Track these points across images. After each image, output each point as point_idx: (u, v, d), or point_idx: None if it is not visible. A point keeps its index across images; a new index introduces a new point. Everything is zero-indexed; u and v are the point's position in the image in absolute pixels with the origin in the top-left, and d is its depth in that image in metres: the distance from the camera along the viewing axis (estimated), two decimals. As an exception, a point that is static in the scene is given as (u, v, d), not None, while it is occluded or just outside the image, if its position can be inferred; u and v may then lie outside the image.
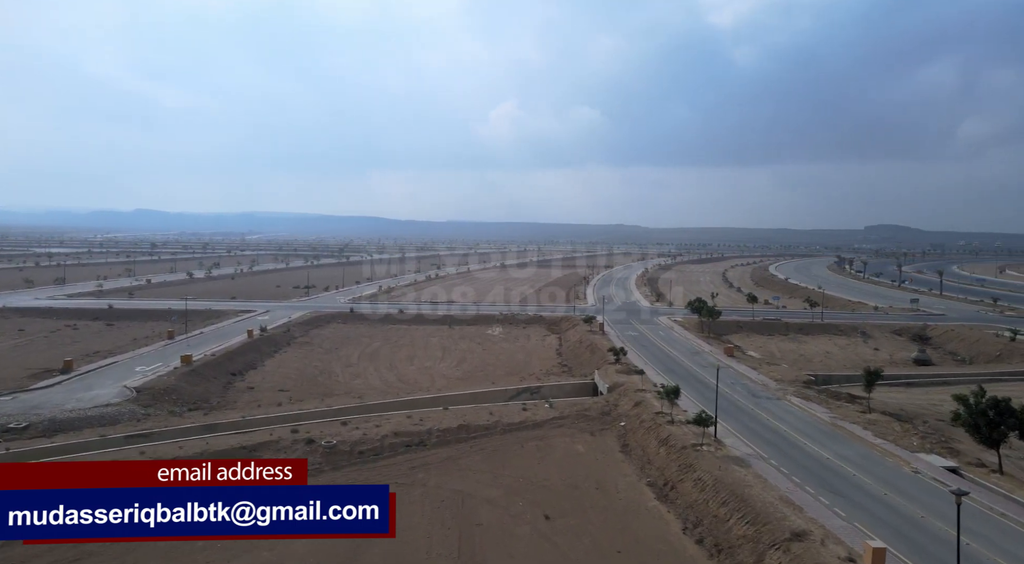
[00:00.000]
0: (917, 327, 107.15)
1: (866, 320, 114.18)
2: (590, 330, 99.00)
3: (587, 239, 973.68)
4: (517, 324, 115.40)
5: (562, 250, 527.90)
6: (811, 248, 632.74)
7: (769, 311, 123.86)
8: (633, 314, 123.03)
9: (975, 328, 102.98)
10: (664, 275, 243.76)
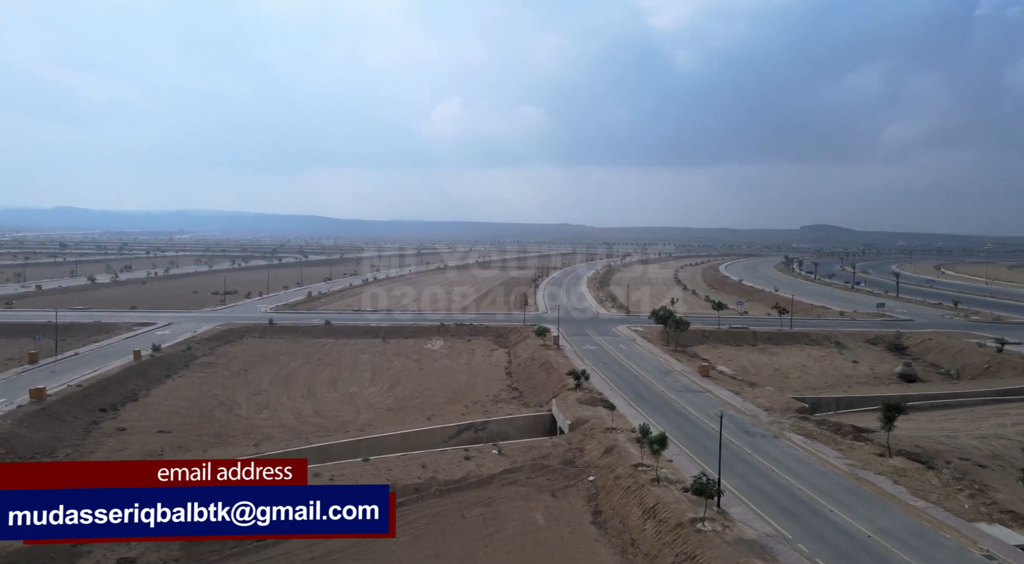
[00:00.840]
0: (891, 335, 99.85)
1: (837, 328, 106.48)
2: (543, 344, 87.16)
3: (534, 239, 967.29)
4: (460, 336, 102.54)
5: (509, 250, 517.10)
6: (753, 247, 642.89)
7: (735, 319, 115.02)
8: (589, 323, 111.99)
9: (954, 336, 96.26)
10: (616, 276, 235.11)
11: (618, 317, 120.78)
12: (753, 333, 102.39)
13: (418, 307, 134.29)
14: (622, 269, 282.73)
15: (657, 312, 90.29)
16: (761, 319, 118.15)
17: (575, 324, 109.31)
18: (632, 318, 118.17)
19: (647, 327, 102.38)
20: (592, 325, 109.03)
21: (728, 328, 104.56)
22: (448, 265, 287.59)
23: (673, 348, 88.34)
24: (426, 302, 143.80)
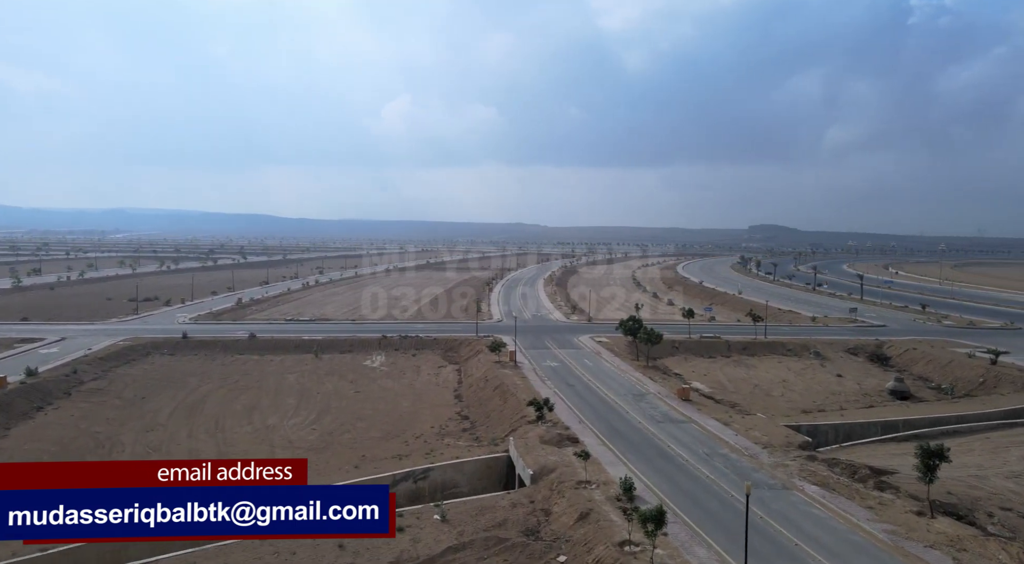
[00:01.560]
0: (871, 344, 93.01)
1: (812, 335, 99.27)
2: (498, 361, 76.56)
3: (487, 238, 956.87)
4: (405, 350, 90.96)
5: (463, 251, 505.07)
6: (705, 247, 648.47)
7: (705, 327, 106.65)
8: (548, 332, 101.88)
9: (938, 345, 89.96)
10: (574, 278, 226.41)
11: (579, 325, 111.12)
12: (727, 343, 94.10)
13: (360, 315, 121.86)
14: (579, 270, 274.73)
15: (626, 323, 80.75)
16: (732, 326, 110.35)
17: (533, 334, 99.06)
18: (595, 326, 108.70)
19: (612, 337, 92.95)
20: (552, 335, 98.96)
21: (699, 337, 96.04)
22: (398, 267, 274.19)
23: (643, 363, 78.93)
24: (370, 309, 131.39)
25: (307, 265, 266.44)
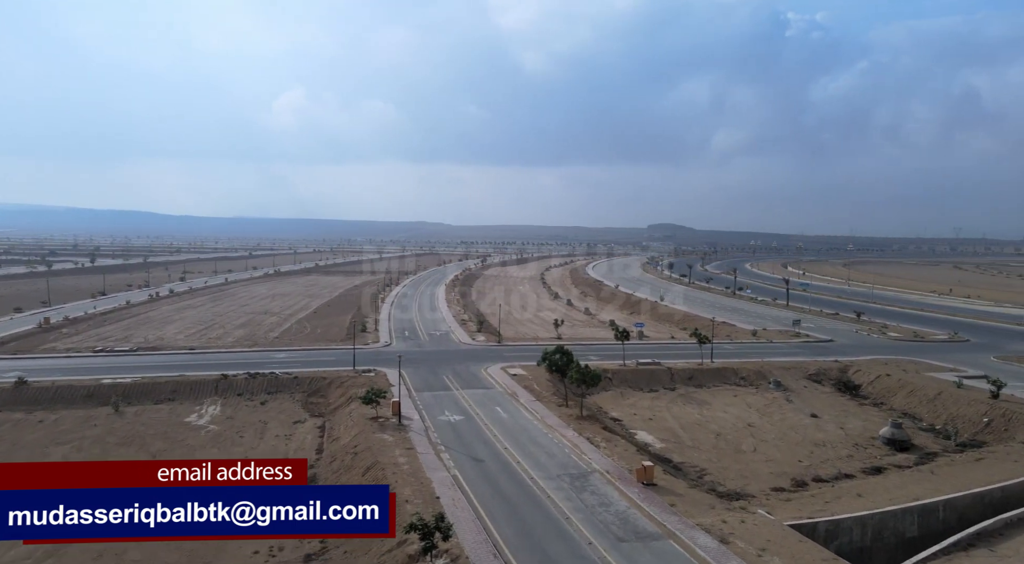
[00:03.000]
0: (834, 369, 78.32)
1: (764, 357, 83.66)
2: (375, 418, 54.20)
3: (388, 237, 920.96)
4: (252, 395, 66.43)
5: (360, 251, 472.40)
6: (609, 246, 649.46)
7: (640, 349, 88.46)
8: (449, 361, 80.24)
9: (910, 370, 76.36)
10: (478, 284, 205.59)
11: (488, 349, 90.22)
12: (669, 371, 76.39)
13: (209, 339, 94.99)
14: (483, 273, 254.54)
15: (551, 356, 60.47)
16: (668, 346, 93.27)
17: (430, 364, 77.09)
18: (507, 350, 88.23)
19: (529, 369, 72.79)
20: (454, 365, 77.39)
21: (636, 364, 77.74)
22: (280, 270, 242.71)
23: (574, 409, 59.03)
24: (225, 329, 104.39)
25: (173, 269, 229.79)
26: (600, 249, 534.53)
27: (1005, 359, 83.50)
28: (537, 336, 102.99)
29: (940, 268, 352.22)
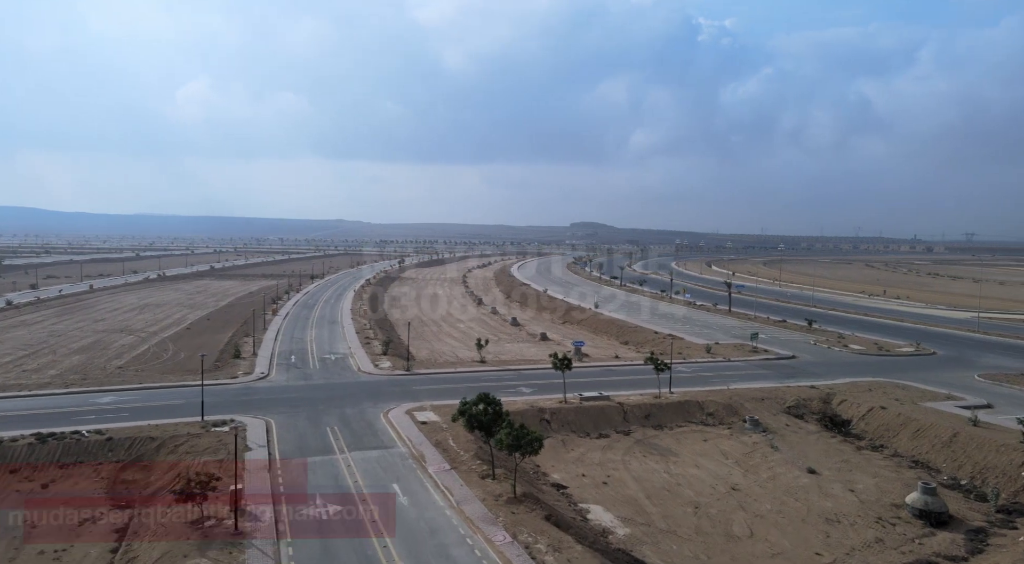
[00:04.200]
0: (815, 399, 65.09)
1: (728, 383, 69.57)
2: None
3: (305, 236, 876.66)
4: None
5: (266, 251, 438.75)
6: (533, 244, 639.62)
7: (582, 379, 72.03)
8: (341, 402, 61.40)
9: (903, 398, 63.96)
10: (393, 289, 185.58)
11: (394, 378, 71.92)
12: (620, 407, 60.81)
13: (20, 371, 71.80)
14: (400, 276, 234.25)
15: (470, 409, 42.97)
16: (613, 369, 77.95)
17: (312, 408, 58.07)
18: (418, 382, 70.31)
19: (444, 411, 55.29)
20: (345, 408, 58.70)
21: (580, 400, 61.66)
22: (165, 274, 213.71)
23: (507, 489, 41.89)
24: (50, 356, 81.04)
25: (35, 273, 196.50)
26: (526, 248, 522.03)
27: (992, 378, 73.25)
28: (457, 357, 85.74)
29: (854, 266, 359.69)
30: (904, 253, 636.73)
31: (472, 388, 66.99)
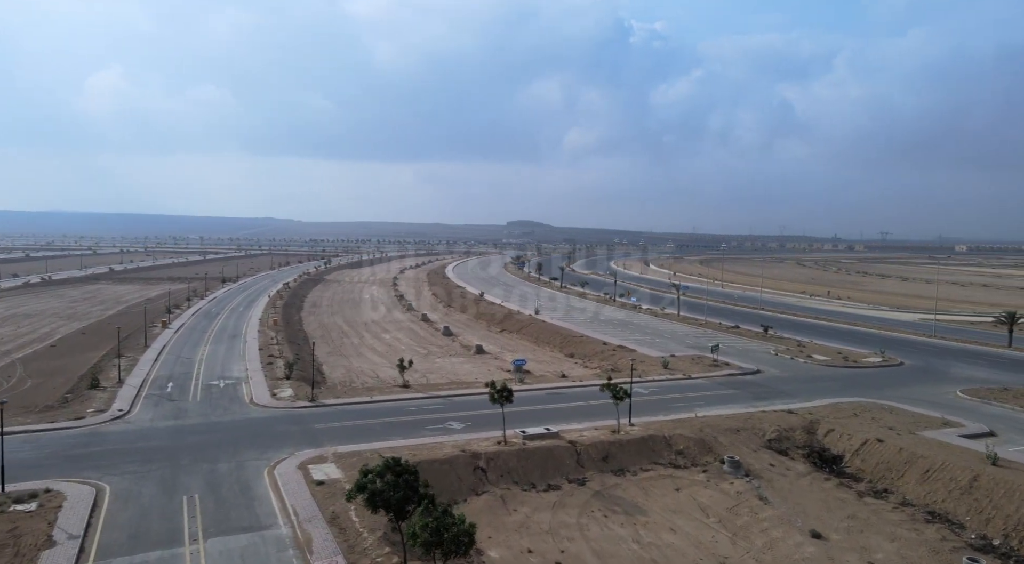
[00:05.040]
0: (797, 429, 55.44)
1: (694, 408, 59.17)
2: None
3: (230, 234, 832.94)
4: None
5: (181, 250, 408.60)
6: (469, 243, 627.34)
7: (525, 403, 59.88)
8: (214, 449, 47.21)
9: (894, 422, 55.14)
10: (315, 293, 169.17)
11: (292, 412, 58.00)
12: (573, 448, 49.31)
13: None
14: (325, 278, 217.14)
15: (368, 484, 30.32)
16: (560, 393, 66.46)
17: (172, 462, 43.83)
18: (320, 415, 56.74)
19: (350, 474, 42.27)
20: (217, 462, 44.66)
21: (522, 438, 49.75)
22: (52, 277, 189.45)
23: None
24: None
25: None
26: (463, 247, 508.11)
27: (977, 395, 66.01)
28: (378, 378, 72.73)
29: (786, 265, 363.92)
30: (828, 251, 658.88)
31: (389, 426, 54.29)
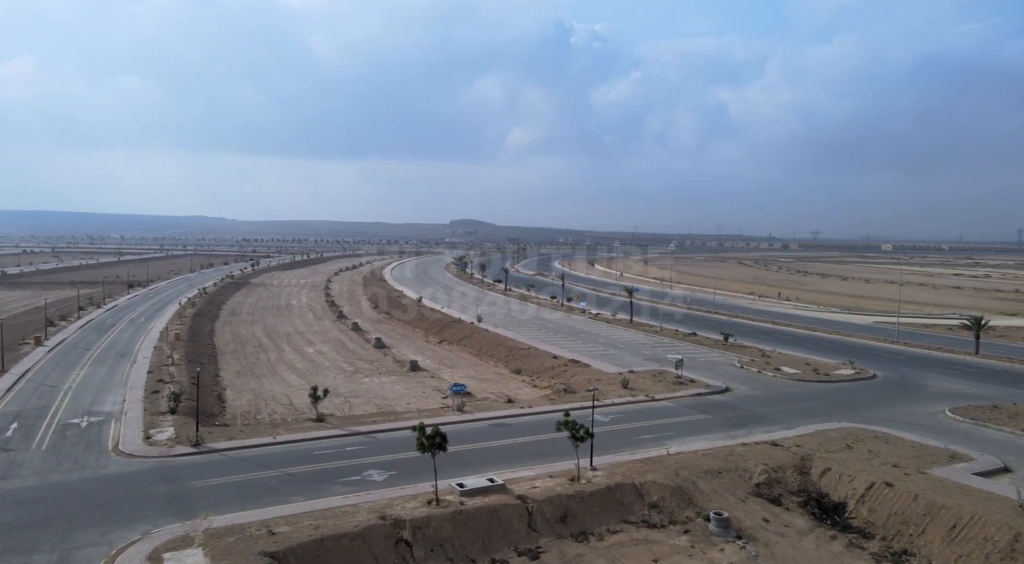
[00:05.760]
0: (788, 469, 46.83)
1: (664, 446, 49.96)
2: None
3: (158, 233, 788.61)
4: None
5: (95, 251, 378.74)
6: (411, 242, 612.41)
7: (462, 442, 49.37)
8: (38, 528, 34.62)
9: (896, 457, 47.19)
10: (236, 299, 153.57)
11: (169, 466, 45.48)
12: (523, 507, 39.04)
13: None
14: (251, 281, 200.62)
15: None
16: (505, 426, 56.00)
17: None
18: (203, 467, 44.51)
19: (230, 546, 30.75)
20: (32, 557, 32.30)
21: (458, 496, 39.13)
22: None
23: None
24: None
25: None
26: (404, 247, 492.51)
27: (969, 416, 59.34)
28: (291, 406, 60.92)
29: (728, 265, 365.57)
30: (764, 250, 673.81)
31: (291, 479, 42.67)
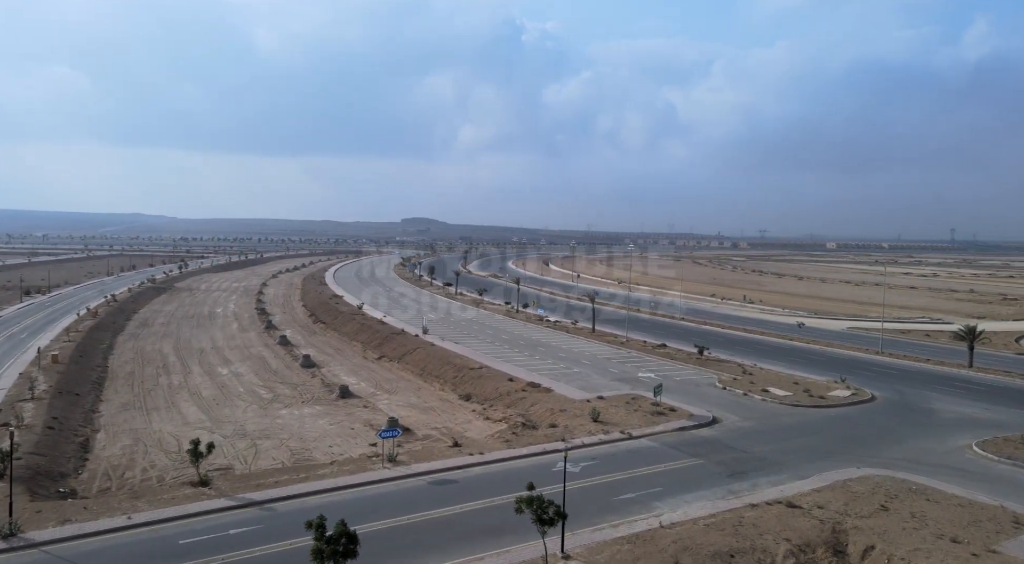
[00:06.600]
0: (818, 545, 36.15)
1: (655, 513, 38.74)
2: None
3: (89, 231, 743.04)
4: None
5: (6, 251, 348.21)
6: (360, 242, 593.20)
7: (397, 515, 37.19)
8: None
9: (963, 534, 37.10)
10: (149, 309, 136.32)
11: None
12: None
13: None
14: (175, 286, 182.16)
15: None
16: (451, 481, 43.80)
17: None
18: None
19: None
20: None
21: None
22: None
23: None
24: None
25: None
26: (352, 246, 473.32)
27: (1004, 455, 50.10)
28: (178, 454, 47.34)
29: (683, 264, 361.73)
30: (715, 248, 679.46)
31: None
